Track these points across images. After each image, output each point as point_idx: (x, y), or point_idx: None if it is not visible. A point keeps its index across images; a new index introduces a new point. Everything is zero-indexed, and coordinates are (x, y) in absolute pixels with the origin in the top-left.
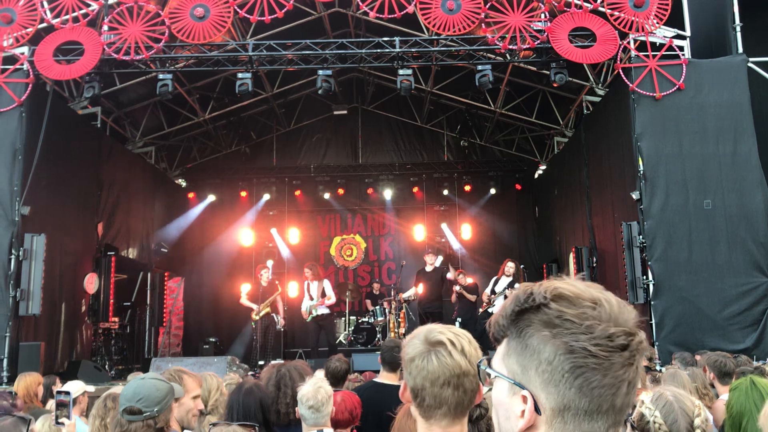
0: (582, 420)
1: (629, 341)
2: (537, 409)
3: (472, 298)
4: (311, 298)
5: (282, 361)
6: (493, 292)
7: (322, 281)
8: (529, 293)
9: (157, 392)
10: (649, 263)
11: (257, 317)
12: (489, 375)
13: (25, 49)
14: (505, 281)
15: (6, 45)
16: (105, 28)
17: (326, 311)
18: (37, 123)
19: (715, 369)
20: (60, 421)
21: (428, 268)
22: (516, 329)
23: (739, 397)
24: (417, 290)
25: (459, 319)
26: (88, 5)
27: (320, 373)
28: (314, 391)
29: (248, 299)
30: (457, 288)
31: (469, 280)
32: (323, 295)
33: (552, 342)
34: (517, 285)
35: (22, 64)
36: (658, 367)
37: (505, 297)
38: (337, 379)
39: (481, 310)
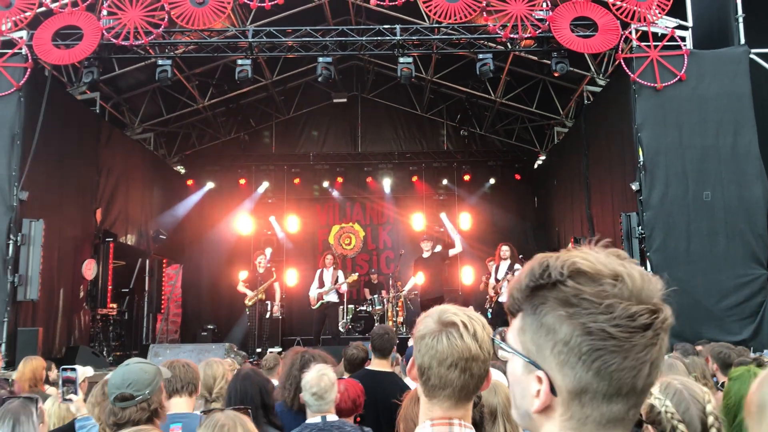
0: (601, 403)
1: (653, 320)
2: (553, 390)
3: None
4: (322, 285)
5: (303, 348)
6: (496, 280)
7: (338, 270)
8: (545, 267)
9: (146, 375)
10: (648, 254)
11: (249, 303)
12: (503, 349)
13: (23, 34)
14: (504, 266)
15: (4, 29)
16: (104, 12)
17: (336, 299)
18: (35, 108)
19: (718, 360)
20: (67, 397)
21: (426, 255)
22: (531, 306)
23: (740, 387)
24: (416, 280)
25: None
26: None
27: (320, 365)
28: (318, 378)
29: (245, 286)
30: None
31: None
32: (336, 282)
33: (568, 322)
34: (517, 266)
35: (21, 49)
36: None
37: (508, 282)
38: (354, 366)
39: (490, 301)
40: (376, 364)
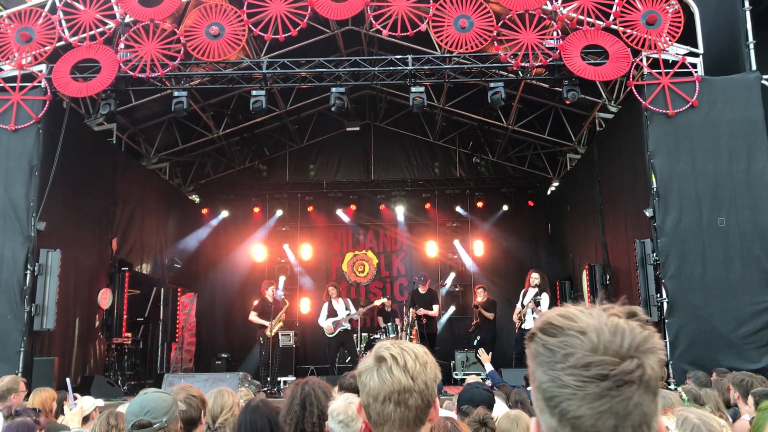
0: None
1: (609, 371)
2: None
3: (489, 316)
4: (333, 315)
5: (301, 378)
6: (522, 305)
7: (346, 299)
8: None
9: (163, 403)
10: (663, 281)
11: (271, 334)
12: None
13: (43, 67)
14: (531, 293)
15: (24, 63)
16: (121, 46)
17: (349, 327)
18: (53, 139)
19: (740, 388)
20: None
21: (421, 291)
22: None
23: None
24: (413, 310)
25: (478, 338)
26: (105, 24)
27: (347, 393)
28: (345, 406)
29: (257, 316)
30: (474, 306)
31: (479, 298)
32: (347, 309)
33: (536, 370)
34: (544, 294)
35: (40, 82)
36: (672, 387)
37: (532, 311)
38: None
39: (516, 327)
40: None
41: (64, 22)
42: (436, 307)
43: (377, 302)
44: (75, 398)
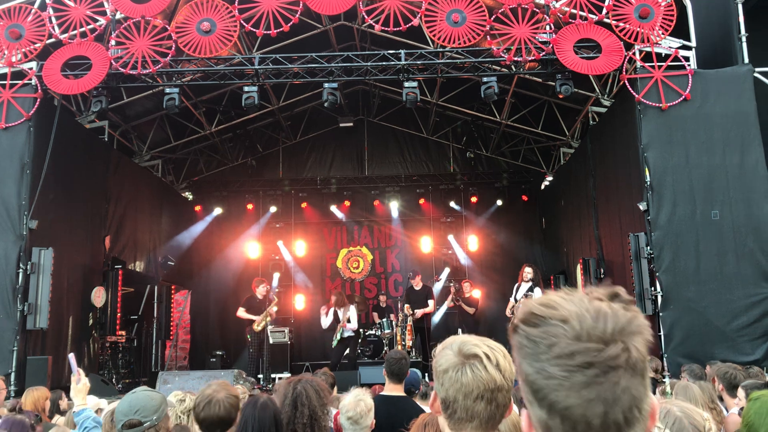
0: None
1: (594, 357)
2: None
3: (470, 310)
4: (337, 321)
5: (294, 376)
6: (515, 300)
7: (348, 308)
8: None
9: (152, 401)
10: (657, 274)
11: (258, 328)
12: None
13: (33, 65)
14: (524, 287)
15: (14, 60)
16: (112, 42)
17: (353, 334)
18: (45, 137)
19: (724, 381)
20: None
21: (417, 287)
22: None
23: (760, 408)
24: (407, 306)
25: (460, 330)
26: (96, 20)
27: (358, 390)
28: (354, 402)
29: (245, 311)
30: (450, 298)
31: (476, 293)
32: (348, 321)
33: (522, 363)
34: (537, 289)
35: (31, 79)
36: (666, 379)
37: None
38: None
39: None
40: (391, 389)
41: (54, 19)
42: (431, 303)
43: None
44: (79, 374)
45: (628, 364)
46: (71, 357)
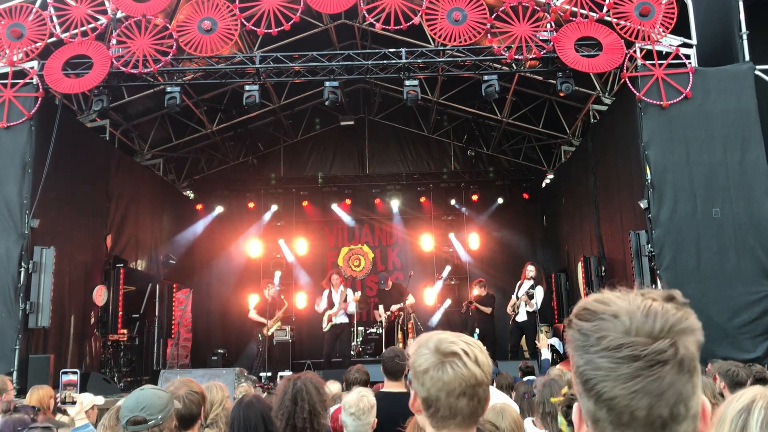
0: (613, 430)
1: (641, 351)
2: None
3: (487, 310)
4: (331, 306)
5: (294, 373)
6: (517, 297)
7: (346, 288)
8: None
9: (159, 400)
10: (658, 272)
11: (269, 333)
12: None
13: (34, 64)
14: (526, 285)
15: (16, 59)
16: (113, 41)
17: (346, 320)
18: (46, 136)
19: (726, 378)
20: (68, 400)
21: (387, 288)
22: None
23: None
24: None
25: (477, 331)
26: (97, 19)
27: (332, 385)
28: (357, 399)
29: (257, 313)
30: (466, 303)
31: (476, 292)
32: (344, 301)
33: (573, 355)
34: (539, 287)
35: (32, 79)
36: None
37: (525, 304)
38: None
39: (510, 321)
40: (390, 386)
41: (55, 18)
42: (410, 297)
43: (408, 302)
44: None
45: (675, 361)
46: (88, 395)
